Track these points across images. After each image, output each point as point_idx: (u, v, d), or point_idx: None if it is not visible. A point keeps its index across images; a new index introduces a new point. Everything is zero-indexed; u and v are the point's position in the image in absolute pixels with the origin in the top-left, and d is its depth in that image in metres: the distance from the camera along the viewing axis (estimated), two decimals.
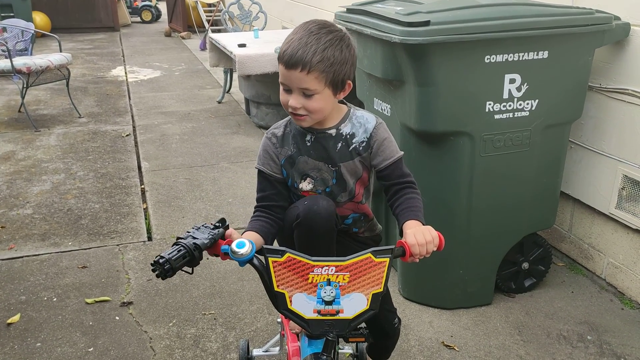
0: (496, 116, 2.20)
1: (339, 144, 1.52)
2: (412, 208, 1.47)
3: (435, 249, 1.35)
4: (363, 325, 1.40)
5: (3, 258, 2.95)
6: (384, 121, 1.57)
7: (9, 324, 2.40)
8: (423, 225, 1.41)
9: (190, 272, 1.25)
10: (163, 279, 1.20)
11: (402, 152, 1.56)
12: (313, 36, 1.39)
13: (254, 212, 1.56)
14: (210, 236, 1.28)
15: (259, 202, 1.57)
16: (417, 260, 1.35)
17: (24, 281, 2.73)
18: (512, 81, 2.17)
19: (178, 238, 1.25)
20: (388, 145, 1.53)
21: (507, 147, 2.26)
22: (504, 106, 2.20)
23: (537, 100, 2.24)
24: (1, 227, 3.27)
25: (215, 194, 3.76)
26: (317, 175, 1.54)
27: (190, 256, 1.22)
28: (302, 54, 1.36)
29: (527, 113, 2.24)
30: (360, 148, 1.52)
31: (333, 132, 1.52)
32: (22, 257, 2.96)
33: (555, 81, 2.24)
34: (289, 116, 1.51)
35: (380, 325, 1.74)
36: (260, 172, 1.58)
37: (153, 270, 1.19)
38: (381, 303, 1.31)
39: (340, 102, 1.54)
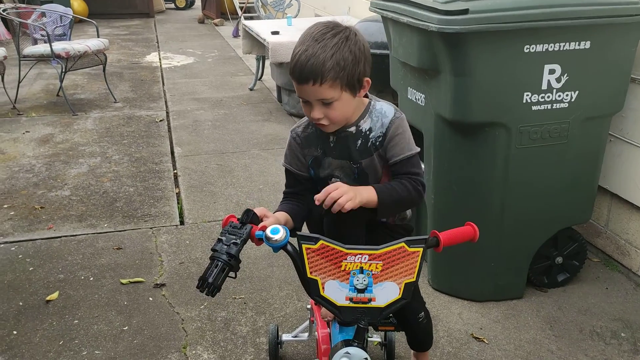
0: (534, 107, 2.16)
1: (359, 141, 1.50)
2: (382, 185, 1.47)
3: (345, 202, 1.31)
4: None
5: (43, 237, 3.04)
6: (418, 110, 1.55)
7: (48, 301, 2.48)
8: (375, 195, 1.39)
9: (234, 277, 1.30)
10: (212, 296, 1.26)
11: (417, 150, 1.49)
12: (318, 44, 1.34)
13: (282, 199, 1.59)
14: (240, 238, 1.30)
15: (287, 195, 1.61)
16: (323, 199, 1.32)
17: (62, 260, 2.82)
18: (551, 72, 2.12)
19: (212, 250, 1.29)
20: (399, 141, 1.48)
21: (544, 139, 2.22)
22: (542, 97, 2.15)
23: (577, 92, 2.18)
24: (40, 208, 3.38)
25: (246, 181, 3.79)
26: (341, 174, 1.54)
27: (228, 267, 1.26)
28: (311, 67, 1.33)
29: (566, 105, 2.19)
30: (377, 143, 1.49)
31: (353, 129, 1.50)
32: (60, 237, 3.05)
33: (596, 72, 2.18)
34: None
35: (402, 315, 1.73)
36: (287, 170, 1.60)
37: (200, 291, 1.25)
38: None
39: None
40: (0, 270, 2.72)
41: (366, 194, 1.38)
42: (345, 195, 1.31)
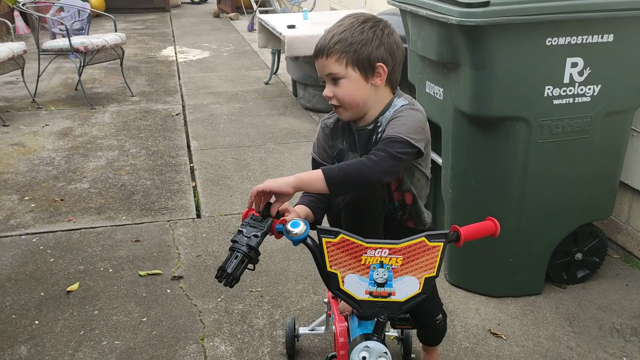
0: (555, 101, 2.13)
1: (374, 137, 1.50)
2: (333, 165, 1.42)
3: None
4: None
5: (63, 229, 3.08)
6: (437, 104, 1.53)
7: (69, 292, 2.52)
8: (319, 173, 1.30)
9: (253, 269, 1.29)
10: (230, 287, 1.26)
11: (407, 137, 1.35)
12: (337, 25, 1.43)
13: (304, 192, 1.58)
14: (261, 230, 1.30)
15: None
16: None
17: (82, 252, 2.86)
18: (573, 65, 2.09)
19: (232, 241, 1.28)
20: (394, 123, 1.40)
21: (566, 133, 2.19)
22: (564, 91, 2.13)
23: (599, 86, 2.15)
24: (60, 200, 3.42)
25: (262, 175, 3.80)
26: None
27: (248, 258, 1.26)
28: (322, 42, 1.42)
29: (589, 99, 2.16)
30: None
31: (372, 126, 1.49)
32: (79, 229, 3.09)
33: (619, 66, 2.15)
34: None
35: (419, 317, 1.72)
36: (313, 160, 1.62)
37: (219, 281, 1.24)
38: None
39: (394, 92, 1.51)
40: (22, 261, 2.76)
41: (298, 174, 1.30)
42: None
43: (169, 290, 2.54)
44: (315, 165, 1.61)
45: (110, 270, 2.69)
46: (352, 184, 1.33)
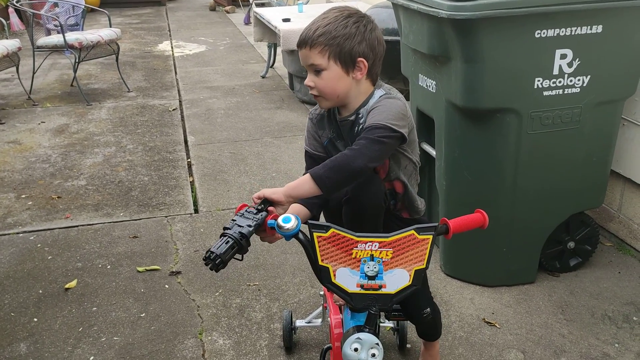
0: (545, 93, 2.15)
1: (356, 128, 1.54)
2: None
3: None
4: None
5: (60, 227, 3.11)
6: (429, 97, 1.56)
7: (67, 289, 2.55)
8: (307, 175, 1.35)
9: (240, 259, 1.29)
10: (216, 271, 1.23)
11: (387, 124, 1.38)
12: (321, 18, 1.47)
13: None
14: (254, 222, 1.30)
15: None
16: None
17: (79, 249, 2.88)
18: (563, 56, 2.11)
19: (224, 228, 1.28)
20: (373, 113, 1.44)
21: (556, 124, 2.21)
22: (554, 82, 2.14)
23: (588, 77, 2.17)
24: (57, 197, 3.44)
25: (260, 169, 3.82)
26: None
27: (238, 246, 1.25)
28: (307, 33, 1.46)
29: (578, 90, 2.18)
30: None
31: (353, 117, 1.54)
32: (77, 226, 3.12)
33: (608, 57, 2.16)
34: None
35: (407, 311, 1.74)
36: (306, 153, 1.65)
37: (206, 264, 1.22)
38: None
39: (374, 84, 1.54)
40: (20, 259, 2.79)
41: (288, 184, 1.36)
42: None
43: (167, 286, 2.57)
44: (309, 158, 1.64)
45: (109, 267, 2.72)
46: (339, 177, 1.34)
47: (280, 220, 1.30)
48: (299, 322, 2.15)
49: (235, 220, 1.31)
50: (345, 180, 1.40)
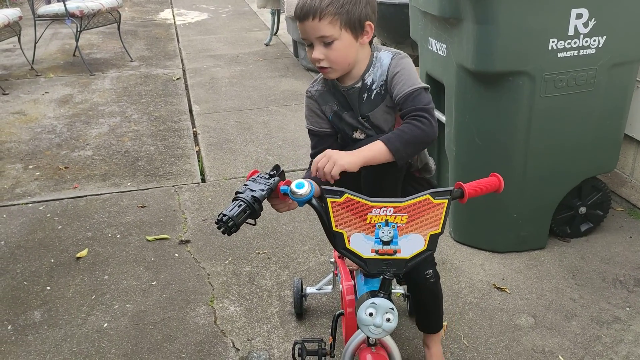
0: (560, 54, 2.10)
1: (365, 95, 1.51)
2: (390, 133, 1.40)
3: (329, 171, 1.29)
4: None
5: (69, 197, 3.11)
6: (440, 61, 1.53)
7: (78, 258, 2.56)
8: (383, 147, 1.33)
9: (254, 223, 1.27)
10: (229, 235, 1.22)
11: (421, 85, 1.44)
12: None
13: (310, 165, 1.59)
14: (267, 186, 1.28)
15: (314, 157, 1.59)
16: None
17: (89, 219, 2.89)
18: (578, 16, 2.05)
19: (237, 192, 1.26)
20: (399, 79, 1.45)
21: (570, 87, 2.17)
22: (569, 43, 2.09)
23: (604, 37, 2.11)
24: (65, 168, 3.43)
25: (266, 137, 3.79)
26: (361, 127, 1.55)
27: (250, 209, 1.24)
28: (311, 3, 1.37)
29: (594, 50, 2.13)
30: (382, 91, 1.49)
31: (360, 84, 1.50)
32: (85, 196, 3.11)
33: (625, 16, 2.10)
34: None
35: (409, 273, 1.71)
36: (310, 131, 1.61)
37: (218, 228, 1.20)
38: None
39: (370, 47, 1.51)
40: (31, 229, 2.80)
41: (361, 153, 1.33)
42: (323, 163, 1.29)
43: (177, 254, 2.57)
44: (314, 136, 1.61)
45: (118, 236, 2.73)
46: (416, 150, 1.43)
47: (293, 185, 1.28)
48: (309, 289, 2.16)
49: (247, 185, 1.29)
50: (418, 151, 1.51)
